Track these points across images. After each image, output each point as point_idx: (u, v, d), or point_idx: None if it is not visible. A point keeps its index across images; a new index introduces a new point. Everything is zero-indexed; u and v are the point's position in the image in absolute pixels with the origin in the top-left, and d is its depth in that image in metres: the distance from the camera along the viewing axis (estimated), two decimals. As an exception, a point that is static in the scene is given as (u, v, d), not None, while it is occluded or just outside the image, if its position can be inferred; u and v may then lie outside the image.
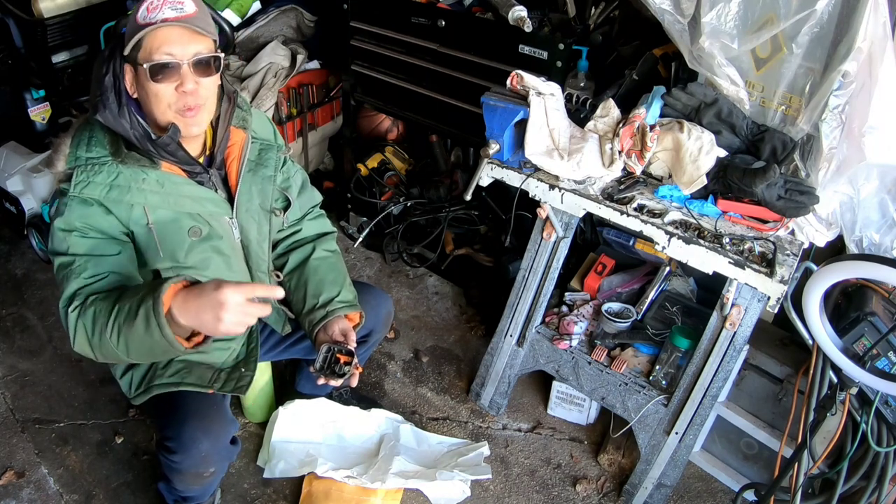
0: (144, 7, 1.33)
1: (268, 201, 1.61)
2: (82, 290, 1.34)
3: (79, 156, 1.39)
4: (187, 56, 1.34)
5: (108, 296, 1.32)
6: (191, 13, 1.34)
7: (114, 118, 1.37)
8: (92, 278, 1.36)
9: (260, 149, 1.60)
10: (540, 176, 1.80)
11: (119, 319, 1.26)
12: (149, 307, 1.20)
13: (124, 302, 1.26)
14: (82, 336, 1.32)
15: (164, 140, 1.39)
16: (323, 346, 1.55)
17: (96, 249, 1.40)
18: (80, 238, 1.39)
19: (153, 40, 1.32)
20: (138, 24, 1.33)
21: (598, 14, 2.15)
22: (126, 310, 1.25)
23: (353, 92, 2.79)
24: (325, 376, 1.53)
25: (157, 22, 1.31)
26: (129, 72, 1.38)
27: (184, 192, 1.46)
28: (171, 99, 1.37)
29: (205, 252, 1.53)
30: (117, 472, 2.04)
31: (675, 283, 2.14)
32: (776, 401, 1.91)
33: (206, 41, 1.37)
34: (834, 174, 1.58)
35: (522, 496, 2.05)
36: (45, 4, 2.50)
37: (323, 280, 1.69)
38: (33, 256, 2.86)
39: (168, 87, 1.35)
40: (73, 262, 1.37)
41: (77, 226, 1.39)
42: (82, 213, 1.39)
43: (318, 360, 1.54)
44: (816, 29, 1.51)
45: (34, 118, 2.78)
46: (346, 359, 1.54)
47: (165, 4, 1.32)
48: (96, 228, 1.40)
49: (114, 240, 1.42)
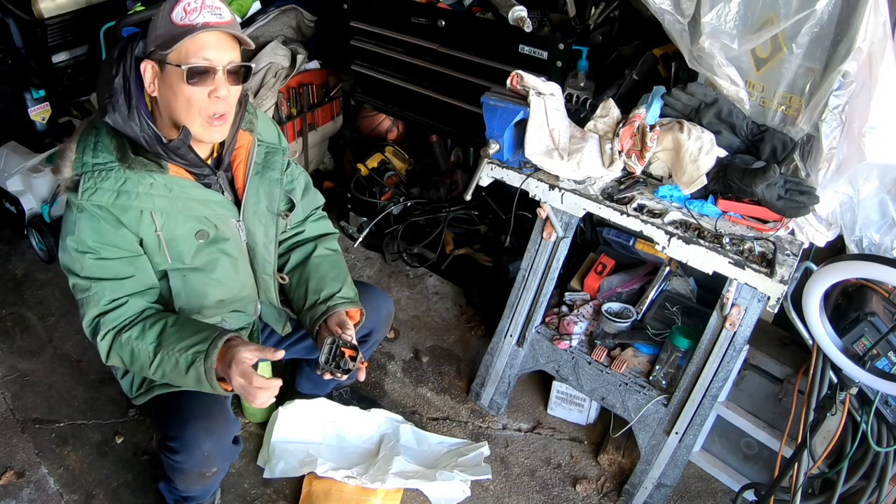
0: (181, 8, 1.31)
1: (275, 204, 1.61)
2: (105, 318, 1.41)
3: (85, 161, 1.38)
4: (223, 62, 1.35)
5: (142, 335, 1.41)
6: (228, 20, 1.35)
7: (123, 121, 1.36)
8: (112, 304, 1.42)
9: (266, 151, 1.60)
10: (540, 176, 1.80)
11: (165, 368, 1.40)
12: (201, 373, 1.36)
13: (169, 353, 1.38)
14: (117, 361, 1.45)
15: (175, 143, 1.39)
16: (327, 340, 1.51)
17: (112, 272, 1.42)
18: (95, 260, 1.40)
19: (192, 43, 1.31)
20: (175, 24, 1.31)
21: (598, 14, 2.15)
22: (173, 363, 1.38)
23: (353, 92, 2.79)
24: (331, 371, 1.49)
25: (199, 25, 1.30)
26: (153, 70, 1.36)
27: (191, 195, 1.46)
28: (203, 104, 1.36)
29: (212, 254, 1.53)
30: (117, 472, 2.04)
31: (675, 283, 2.14)
32: (776, 401, 1.91)
33: (238, 49, 1.38)
34: (834, 174, 1.58)
35: (522, 496, 2.05)
36: (45, 4, 2.50)
37: (324, 277, 1.68)
38: (33, 256, 2.86)
39: (201, 92, 1.35)
40: (89, 287, 1.41)
41: (90, 246, 1.39)
42: (94, 231, 1.39)
43: (321, 354, 1.50)
44: (816, 29, 1.51)
45: (34, 118, 2.77)
46: (352, 353, 1.50)
47: (205, 8, 1.32)
48: (110, 245, 1.41)
49: (128, 258, 1.43)
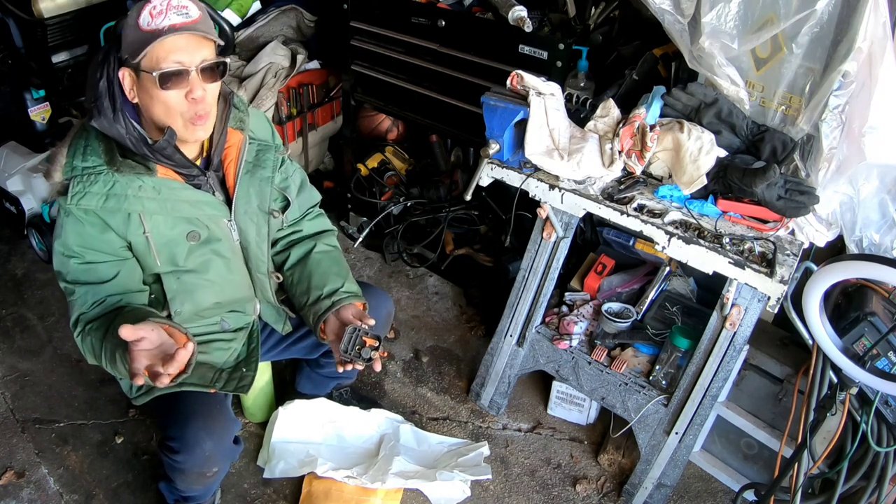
0: (146, 12, 1.29)
1: (266, 203, 1.60)
2: (83, 317, 1.43)
3: (75, 165, 1.38)
4: (195, 62, 1.33)
5: (98, 327, 1.41)
6: (196, 18, 1.32)
7: (109, 124, 1.35)
8: (91, 306, 1.43)
9: (258, 150, 1.59)
10: (540, 176, 1.80)
11: (106, 357, 1.37)
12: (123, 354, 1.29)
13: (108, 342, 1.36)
14: (91, 357, 1.44)
15: (160, 144, 1.38)
16: (348, 328, 1.47)
17: (94, 276, 1.42)
18: (78, 265, 1.41)
19: (161, 48, 1.29)
20: (143, 31, 1.29)
21: (598, 14, 2.14)
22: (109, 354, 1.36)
23: (353, 92, 2.79)
24: (352, 360, 1.46)
25: (165, 29, 1.28)
26: (129, 77, 1.35)
27: (181, 196, 1.45)
28: (183, 108, 1.35)
29: (204, 255, 1.53)
30: (117, 472, 2.04)
31: (675, 283, 2.14)
32: (776, 401, 1.91)
33: (211, 46, 1.36)
34: (834, 174, 1.58)
35: (522, 496, 2.05)
36: (45, 4, 2.50)
37: (326, 273, 1.67)
38: (33, 256, 2.86)
39: (178, 95, 1.34)
40: (73, 291, 1.43)
41: (75, 251, 1.40)
42: (78, 235, 1.39)
43: (343, 342, 1.46)
44: (816, 29, 1.51)
45: (34, 118, 2.77)
46: (373, 342, 1.46)
47: (170, 10, 1.29)
48: (93, 249, 1.41)
49: (113, 262, 1.44)
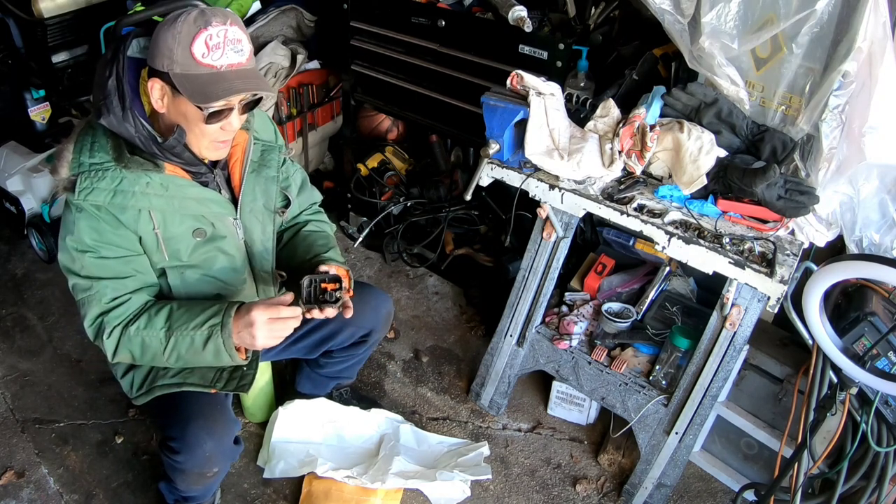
0: (202, 42, 1.26)
1: (271, 202, 1.62)
2: (109, 315, 1.42)
3: (82, 161, 1.38)
4: (239, 98, 1.36)
5: (150, 323, 1.41)
6: (249, 56, 1.34)
7: (118, 122, 1.35)
8: (114, 302, 1.42)
9: (262, 150, 1.60)
10: (540, 176, 1.80)
11: (180, 349, 1.41)
12: (219, 345, 1.39)
13: (182, 334, 1.40)
14: (126, 356, 1.45)
15: (170, 143, 1.39)
16: (304, 280, 1.45)
17: (112, 271, 1.42)
18: (95, 259, 1.40)
19: (216, 88, 1.29)
20: (197, 61, 1.27)
21: (598, 14, 2.14)
22: (188, 342, 1.40)
23: (353, 92, 2.79)
24: (318, 308, 1.44)
25: (222, 68, 1.29)
26: (161, 90, 1.33)
27: (188, 194, 1.46)
28: (216, 136, 1.39)
29: (209, 252, 1.54)
30: (117, 472, 2.04)
31: (675, 283, 2.14)
32: (776, 401, 1.91)
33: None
34: (834, 174, 1.58)
35: (522, 496, 2.05)
36: (45, 4, 2.50)
37: (313, 244, 1.69)
38: (33, 256, 2.86)
39: (215, 126, 1.37)
40: (90, 286, 1.41)
41: (89, 245, 1.39)
42: (92, 230, 1.39)
43: (301, 293, 1.44)
44: (816, 29, 1.51)
45: (34, 118, 2.77)
46: (332, 286, 1.45)
47: (227, 45, 1.28)
48: (109, 244, 1.41)
49: (128, 257, 1.43)
